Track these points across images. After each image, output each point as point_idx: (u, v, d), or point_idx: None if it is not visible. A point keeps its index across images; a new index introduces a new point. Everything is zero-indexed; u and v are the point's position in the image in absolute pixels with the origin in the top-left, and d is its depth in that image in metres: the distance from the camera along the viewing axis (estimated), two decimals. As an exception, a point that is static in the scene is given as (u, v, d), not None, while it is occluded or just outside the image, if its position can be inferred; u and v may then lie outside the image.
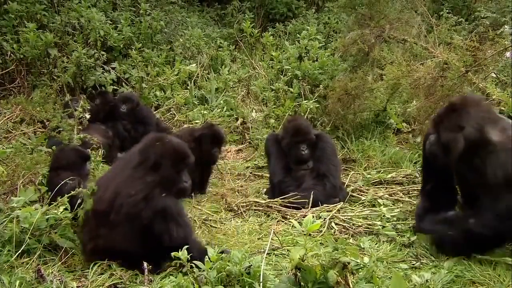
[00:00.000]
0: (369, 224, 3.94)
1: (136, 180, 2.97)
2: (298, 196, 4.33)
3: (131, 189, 2.91)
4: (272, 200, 4.46)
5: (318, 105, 6.53)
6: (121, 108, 5.80)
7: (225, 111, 6.73)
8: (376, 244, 3.63)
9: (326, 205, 4.31)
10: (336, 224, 3.98)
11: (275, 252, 3.49)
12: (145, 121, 5.80)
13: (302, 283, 2.52)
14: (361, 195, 4.58)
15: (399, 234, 3.72)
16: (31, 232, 3.11)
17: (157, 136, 3.24)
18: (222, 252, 2.73)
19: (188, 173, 3.24)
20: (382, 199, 4.37)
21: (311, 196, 4.29)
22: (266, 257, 2.63)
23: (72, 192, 3.27)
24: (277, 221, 4.15)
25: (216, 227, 4.03)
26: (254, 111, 6.88)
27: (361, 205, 4.43)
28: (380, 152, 5.56)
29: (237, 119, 6.69)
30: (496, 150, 3.22)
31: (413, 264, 3.30)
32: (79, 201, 3.24)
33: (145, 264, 2.76)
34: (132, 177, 3.00)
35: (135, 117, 5.82)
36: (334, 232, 3.85)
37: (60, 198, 3.32)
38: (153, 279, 2.84)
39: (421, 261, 3.33)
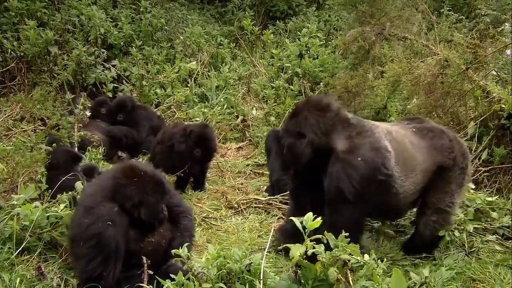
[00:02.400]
0: (369, 222, 3.93)
1: None
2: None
3: None
4: (272, 197, 4.46)
5: (318, 103, 6.52)
6: (117, 117, 5.78)
7: (226, 109, 6.73)
8: (375, 241, 3.64)
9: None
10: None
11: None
12: (138, 128, 5.78)
13: (302, 281, 2.52)
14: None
15: (399, 232, 3.73)
16: (31, 230, 3.11)
17: (131, 169, 2.94)
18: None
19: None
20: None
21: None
22: (266, 255, 2.62)
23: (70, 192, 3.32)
24: (278, 219, 4.15)
25: (216, 225, 4.03)
26: (254, 108, 6.88)
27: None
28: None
29: (237, 117, 6.69)
30: (337, 160, 3.09)
31: (413, 261, 3.31)
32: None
33: (144, 259, 2.76)
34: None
35: (132, 121, 5.80)
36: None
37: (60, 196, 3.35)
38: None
39: (421, 257, 3.34)
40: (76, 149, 4.62)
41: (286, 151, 3.30)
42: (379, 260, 2.58)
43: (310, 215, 2.58)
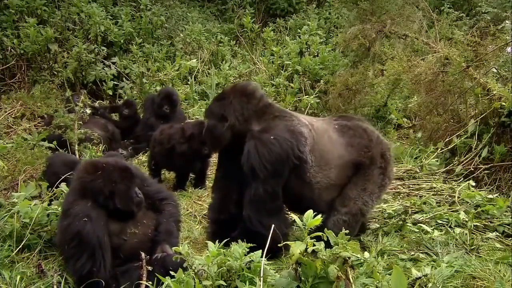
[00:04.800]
0: (370, 219, 3.93)
1: None
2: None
3: None
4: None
5: (318, 101, 6.54)
6: (164, 109, 5.66)
7: (226, 106, 6.72)
8: (375, 238, 3.63)
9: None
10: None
11: (276, 247, 3.48)
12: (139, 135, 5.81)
13: (302, 278, 2.52)
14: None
15: (399, 229, 3.72)
16: (32, 227, 3.11)
17: (92, 165, 2.92)
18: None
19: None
20: (382, 194, 4.36)
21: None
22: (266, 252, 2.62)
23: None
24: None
25: (216, 222, 4.02)
26: (254, 106, 6.86)
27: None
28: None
29: (237, 115, 6.68)
30: (251, 138, 3.16)
31: (412, 255, 3.30)
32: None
33: (142, 254, 2.76)
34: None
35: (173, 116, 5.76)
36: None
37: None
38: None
39: (419, 253, 3.33)
40: (77, 147, 4.63)
41: (206, 131, 3.40)
42: (379, 257, 2.58)
43: (310, 212, 2.57)
